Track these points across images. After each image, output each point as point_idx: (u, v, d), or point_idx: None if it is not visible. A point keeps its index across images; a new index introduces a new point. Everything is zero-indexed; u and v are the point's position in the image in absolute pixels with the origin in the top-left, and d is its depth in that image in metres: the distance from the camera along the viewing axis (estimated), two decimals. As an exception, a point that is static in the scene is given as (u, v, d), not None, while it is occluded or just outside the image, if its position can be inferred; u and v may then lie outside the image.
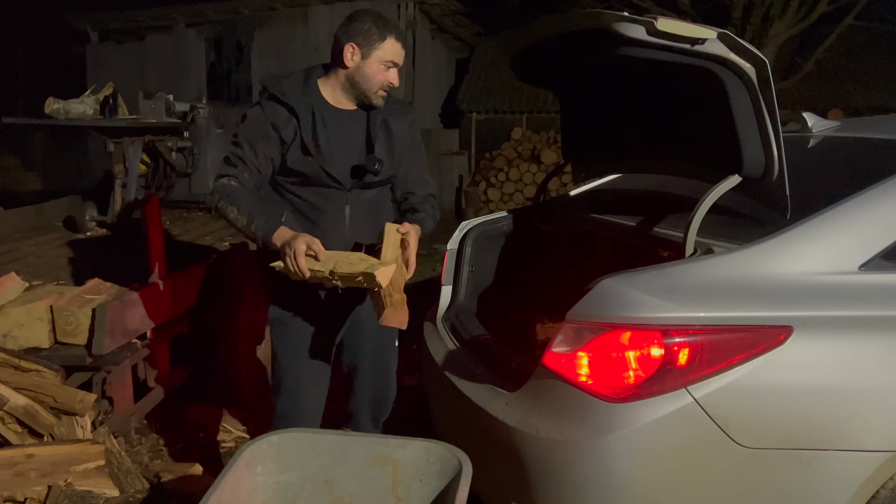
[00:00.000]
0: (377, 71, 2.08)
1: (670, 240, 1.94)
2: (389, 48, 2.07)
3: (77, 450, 2.48)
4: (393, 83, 2.10)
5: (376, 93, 2.10)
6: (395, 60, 2.08)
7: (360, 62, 2.07)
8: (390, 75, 2.09)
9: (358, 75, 2.09)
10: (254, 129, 2.09)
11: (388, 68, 2.09)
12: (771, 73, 1.66)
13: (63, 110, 4.65)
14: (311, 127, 2.09)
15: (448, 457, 1.68)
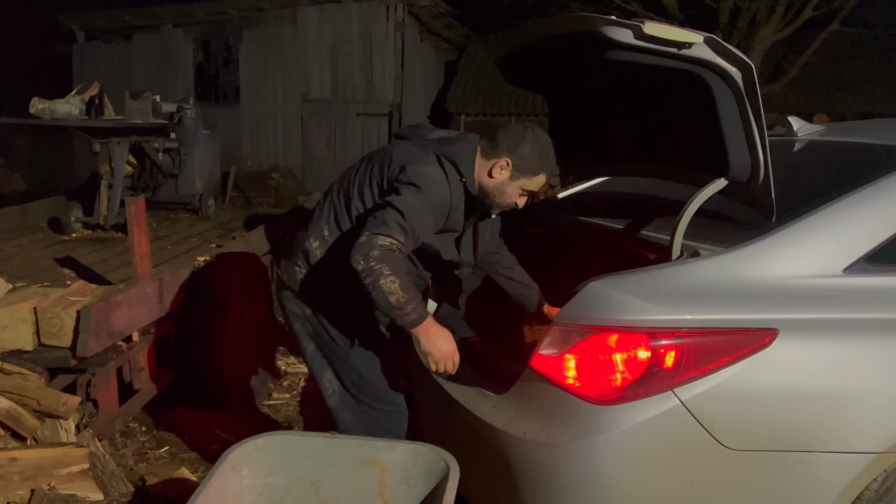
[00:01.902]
0: (514, 194, 2.09)
1: (657, 243, 1.95)
2: (538, 182, 2.07)
3: (61, 453, 2.45)
4: (519, 206, 2.13)
5: (496, 207, 2.13)
6: (534, 191, 2.10)
7: (505, 179, 2.06)
8: (521, 201, 2.12)
9: (496, 189, 2.08)
10: (437, 209, 2.01)
11: (523, 195, 2.10)
12: (757, 78, 1.67)
13: (48, 110, 4.61)
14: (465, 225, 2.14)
15: (435, 459, 1.67)
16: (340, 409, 2.26)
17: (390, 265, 1.84)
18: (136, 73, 12.86)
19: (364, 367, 2.23)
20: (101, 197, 4.67)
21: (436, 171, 2.02)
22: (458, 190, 2.04)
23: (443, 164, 2.04)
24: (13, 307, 2.69)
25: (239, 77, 12.85)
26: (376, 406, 2.24)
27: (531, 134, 2.06)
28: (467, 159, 2.07)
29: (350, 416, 2.25)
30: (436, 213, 2.00)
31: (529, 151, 2.03)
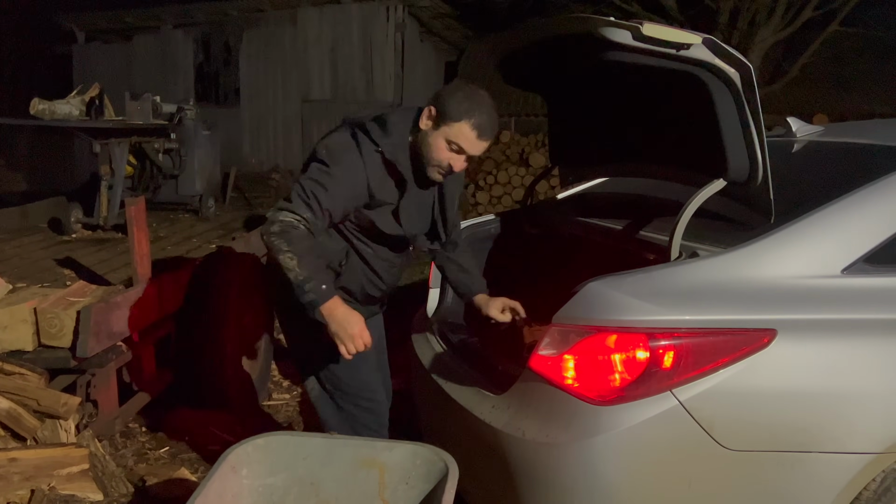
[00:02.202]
0: (441, 147, 1.92)
1: (656, 243, 1.95)
2: (462, 132, 1.89)
3: (61, 453, 2.45)
4: (454, 167, 1.96)
5: (431, 167, 1.97)
6: (461, 145, 1.91)
7: (430, 130, 1.93)
8: (452, 158, 1.94)
9: (423, 143, 1.95)
10: (349, 183, 1.92)
11: (452, 150, 1.93)
12: (755, 79, 1.67)
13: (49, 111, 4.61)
14: (407, 197, 2.00)
15: (434, 459, 1.68)
16: (321, 405, 2.25)
17: (289, 240, 1.81)
18: (137, 74, 12.87)
19: (334, 363, 2.16)
20: (101, 198, 4.67)
21: (345, 143, 1.94)
22: (375, 160, 1.93)
23: (356, 136, 1.95)
24: (13, 308, 2.69)
25: (239, 78, 12.86)
26: (352, 402, 2.21)
27: (463, 85, 1.95)
28: (391, 127, 1.96)
29: (330, 411, 2.24)
30: (348, 185, 1.91)
31: (452, 97, 1.89)
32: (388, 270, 2.16)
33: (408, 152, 1.98)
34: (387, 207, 1.99)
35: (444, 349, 2.31)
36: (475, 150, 1.93)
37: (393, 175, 1.96)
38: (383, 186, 1.96)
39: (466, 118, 1.88)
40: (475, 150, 1.93)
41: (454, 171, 1.97)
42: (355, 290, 2.13)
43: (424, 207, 2.12)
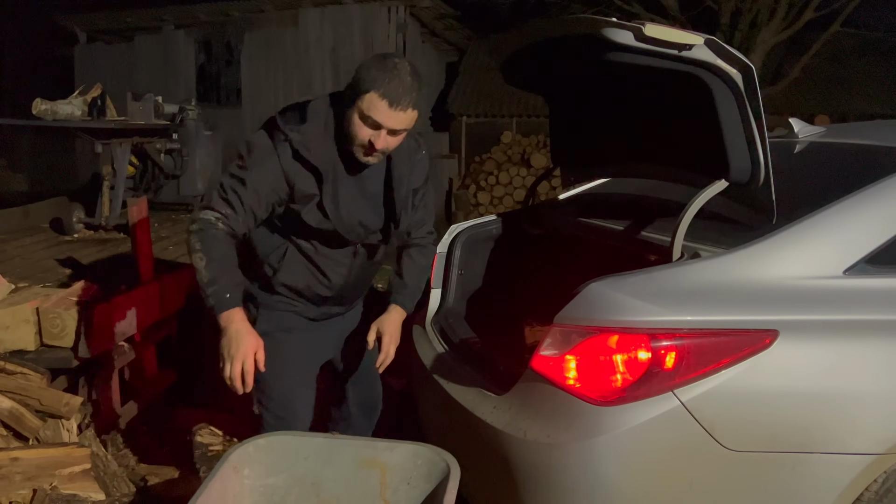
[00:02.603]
0: (357, 123, 1.77)
1: (658, 244, 1.95)
2: (372, 104, 1.73)
3: (62, 453, 2.46)
4: (375, 145, 1.78)
5: (357, 149, 1.82)
6: (374, 118, 1.74)
7: (347, 105, 1.80)
8: (371, 135, 1.77)
9: (345, 120, 1.81)
10: (265, 176, 1.82)
11: (368, 125, 1.76)
12: (757, 79, 1.67)
13: (51, 111, 4.63)
14: (333, 188, 1.86)
15: (436, 460, 1.68)
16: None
17: (202, 240, 1.75)
18: (138, 75, 12.88)
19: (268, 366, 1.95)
20: (102, 198, 4.68)
21: (260, 136, 1.85)
22: (286, 151, 1.81)
23: (269, 128, 1.86)
24: (15, 308, 2.70)
25: (240, 78, 12.87)
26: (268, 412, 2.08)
27: (379, 55, 1.81)
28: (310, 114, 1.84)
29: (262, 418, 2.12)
30: (265, 179, 1.81)
31: (364, 68, 1.76)
32: (335, 269, 2.01)
33: (331, 138, 1.85)
34: (311, 200, 1.85)
35: (446, 349, 2.31)
36: (392, 123, 1.74)
37: (306, 165, 1.82)
38: (301, 177, 1.83)
39: (375, 87, 1.72)
40: (392, 123, 1.74)
41: (378, 150, 1.79)
42: (300, 287, 2.01)
43: (369, 200, 1.96)
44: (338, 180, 1.87)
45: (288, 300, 2.04)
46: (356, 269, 2.05)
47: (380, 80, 1.72)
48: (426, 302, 2.62)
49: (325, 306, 2.09)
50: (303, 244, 1.96)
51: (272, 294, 2.03)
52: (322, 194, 1.84)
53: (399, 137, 1.82)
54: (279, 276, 1.99)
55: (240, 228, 1.82)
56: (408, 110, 1.75)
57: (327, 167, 1.83)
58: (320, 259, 1.98)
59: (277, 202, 1.87)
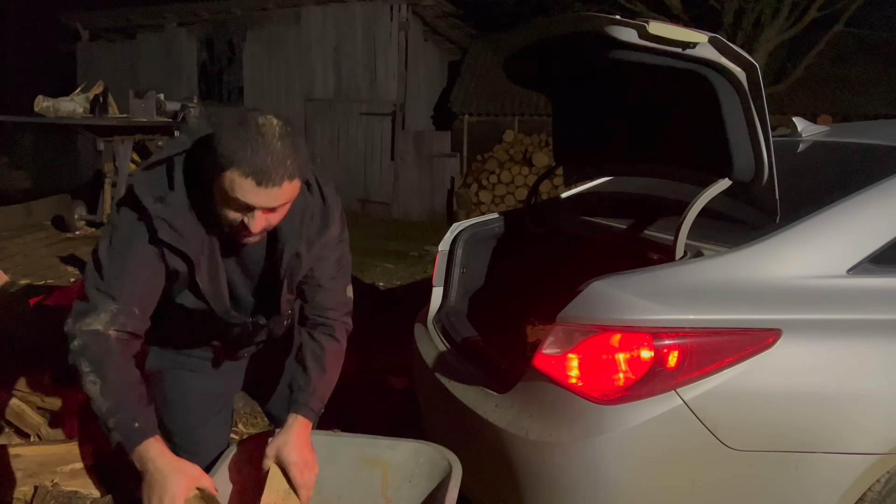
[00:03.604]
0: (221, 203, 1.39)
1: (660, 242, 1.95)
2: (231, 182, 1.33)
3: (64, 450, 2.46)
4: (251, 227, 1.40)
5: (232, 236, 1.46)
6: (242, 200, 1.35)
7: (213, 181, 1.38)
8: (244, 217, 1.39)
9: (213, 197, 1.41)
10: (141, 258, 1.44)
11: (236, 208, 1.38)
12: (761, 78, 1.67)
13: (53, 108, 4.64)
14: (208, 266, 1.52)
15: (438, 458, 1.67)
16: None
17: (89, 358, 1.36)
18: (141, 72, 12.90)
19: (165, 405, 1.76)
20: (104, 195, 4.69)
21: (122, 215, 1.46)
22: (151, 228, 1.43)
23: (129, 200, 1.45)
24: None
25: (243, 76, 12.90)
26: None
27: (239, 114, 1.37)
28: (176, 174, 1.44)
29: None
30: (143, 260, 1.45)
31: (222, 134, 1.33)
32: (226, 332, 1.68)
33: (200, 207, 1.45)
34: (181, 278, 1.51)
35: (448, 348, 2.31)
36: (264, 202, 1.36)
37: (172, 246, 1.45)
38: (170, 257, 1.47)
39: (235, 164, 1.31)
40: (264, 202, 1.36)
41: (256, 233, 1.41)
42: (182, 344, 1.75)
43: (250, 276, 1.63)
44: (215, 262, 1.52)
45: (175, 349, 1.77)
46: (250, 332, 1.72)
47: (240, 153, 1.31)
48: (428, 300, 2.62)
49: (220, 359, 1.81)
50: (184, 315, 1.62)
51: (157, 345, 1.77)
52: (194, 277, 1.50)
53: (281, 212, 1.44)
54: (156, 331, 1.60)
55: (135, 329, 1.44)
56: (283, 184, 1.34)
57: (199, 245, 1.48)
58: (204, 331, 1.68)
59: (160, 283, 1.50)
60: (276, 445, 1.57)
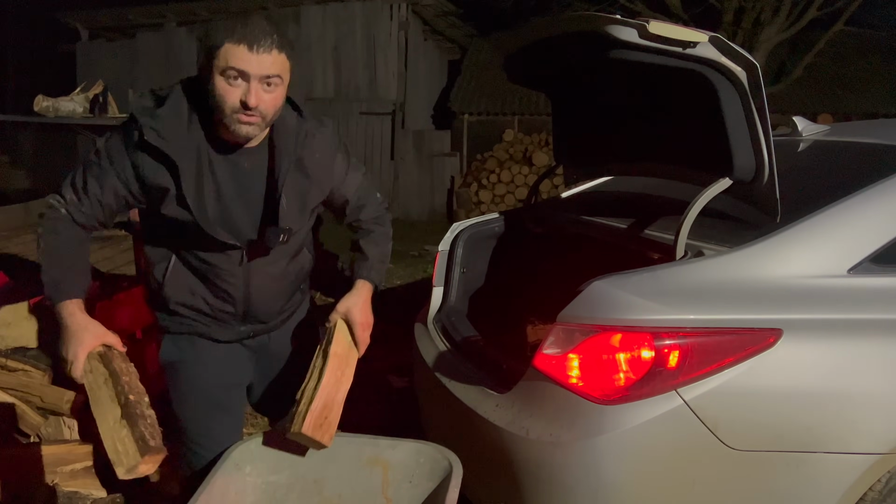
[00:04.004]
0: (220, 86, 1.53)
1: (661, 242, 1.95)
2: (225, 54, 1.50)
3: (64, 450, 2.46)
4: (249, 102, 1.52)
5: (231, 118, 1.55)
6: (236, 67, 1.50)
7: (207, 76, 1.55)
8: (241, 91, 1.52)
9: (210, 95, 1.55)
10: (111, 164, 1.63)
11: (233, 82, 1.52)
12: (762, 78, 1.67)
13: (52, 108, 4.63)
14: (195, 177, 1.61)
15: (438, 458, 1.67)
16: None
17: (44, 226, 1.63)
18: (140, 72, 12.90)
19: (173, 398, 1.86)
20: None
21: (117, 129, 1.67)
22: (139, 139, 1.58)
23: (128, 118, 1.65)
24: (16, 305, 2.70)
25: (242, 75, 12.85)
26: (184, 443, 1.87)
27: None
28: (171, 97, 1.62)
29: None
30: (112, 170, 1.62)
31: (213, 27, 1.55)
32: (227, 280, 1.74)
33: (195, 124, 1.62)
34: (167, 193, 1.61)
35: (448, 347, 2.31)
36: (257, 68, 1.50)
37: (159, 155, 1.58)
38: (154, 169, 1.60)
39: (228, 37, 1.50)
40: (257, 68, 1.50)
41: (254, 109, 1.53)
42: (192, 303, 1.78)
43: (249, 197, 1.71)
44: (203, 174, 1.63)
45: (189, 320, 1.81)
46: (255, 281, 1.76)
47: (230, 27, 1.50)
48: (428, 300, 2.62)
49: (231, 325, 1.83)
50: (186, 255, 1.73)
51: (171, 315, 1.82)
52: (180, 187, 1.59)
53: (275, 95, 1.56)
54: (167, 291, 1.75)
55: (84, 219, 1.66)
56: (272, 52, 1.51)
57: (188, 156, 1.60)
58: (206, 269, 1.72)
59: (128, 196, 1.66)
60: (346, 305, 1.81)
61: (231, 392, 1.90)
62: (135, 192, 1.65)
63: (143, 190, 1.64)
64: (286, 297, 1.89)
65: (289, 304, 1.92)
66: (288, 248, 1.78)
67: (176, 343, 1.84)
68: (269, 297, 1.82)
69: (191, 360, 1.83)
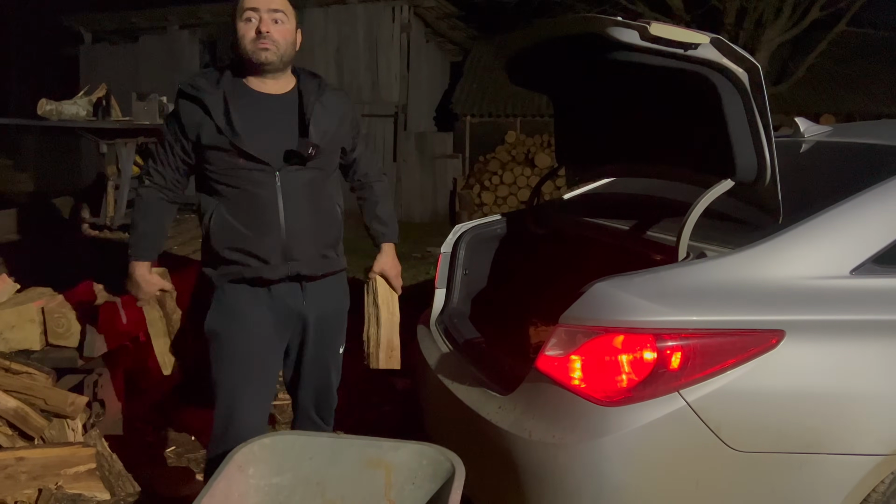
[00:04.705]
0: (241, 27, 1.95)
1: (663, 243, 1.95)
2: (242, 2, 1.93)
3: (68, 453, 2.46)
4: (262, 30, 1.92)
5: (251, 49, 1.94)
6: (249, 5, 1.92)
7: (235, 32, 1.97)
8: (255, 24, 1.93)
9: (238, 45, 1.97)
10: (169, 128, 2.04)
11: (251, 20, 1.94)
12: (763, 79, 1.67)
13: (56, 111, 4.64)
14: (224, 111, 1.94)
15: (441, 460, 1.67)
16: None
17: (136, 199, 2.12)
18: (143, 75, 12.91)
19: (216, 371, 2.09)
20: (107, 198, 4.69)
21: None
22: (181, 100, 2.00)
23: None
24: (20, 307, 2.70)
25: (245, 78, 12.85)
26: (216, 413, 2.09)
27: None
28: (210, 71, 2.06)
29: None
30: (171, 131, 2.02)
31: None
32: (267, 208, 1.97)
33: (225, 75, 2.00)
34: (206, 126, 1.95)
35: (450, 349, 2.31)
36: (264, 3, 1.92)
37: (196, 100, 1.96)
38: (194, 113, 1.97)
39: None
40: (264, 3, 1.92)
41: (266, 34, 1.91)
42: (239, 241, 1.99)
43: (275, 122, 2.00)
44: (232, 107, 1.94)
45: (237, 266, 2.01)
46: (292, 207, 1.98)
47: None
48: (431, 302, 2.62)
49: (277, 260, 2.00)
50: (228, 192, 1.99)
51: (221, 264, 2.04)
52: (213, 116, 1.94)
53: (285, 29, 1.96)
54: (214, 238, 2.01)
55: (163, 181, 2.08)
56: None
57: (214, 97, 1.95)
58: (246, 199, 1.97)
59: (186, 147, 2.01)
60: (381, 265, 2.27)
61: (266, 367, 2.10)
62: (185, 145, 2.01)
63: (188, 138, 1.99)
64: (322, 240, 2.08)
65: (325, 253, 2.10)
66: (318, 183, 2.04)
67: (224, 306, 2.07)
68: (305, 233, 2.02)
69: (235, 326, 2.05)
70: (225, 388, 2.05)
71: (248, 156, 1.93)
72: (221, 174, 1.98)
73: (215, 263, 2.06)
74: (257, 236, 1.98)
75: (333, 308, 2.18)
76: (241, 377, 2.04)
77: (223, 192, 2.00)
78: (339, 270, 2.19)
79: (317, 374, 2.21)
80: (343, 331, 2.26)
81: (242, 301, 2.05)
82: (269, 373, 2.12)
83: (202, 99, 1.95)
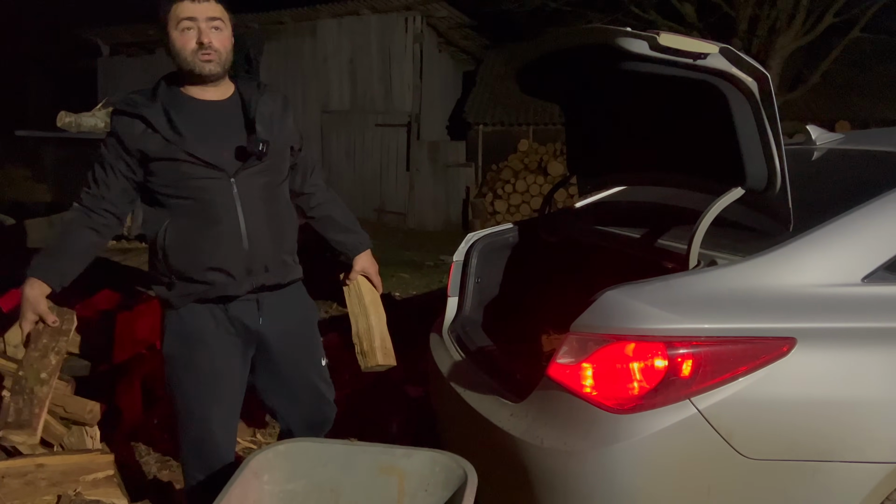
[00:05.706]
0: (176, 38, 1.85)
1: (674, 252, 1.95)
2: (175, 11, 1.83)
3: (86, 459, 2.49)
4: (203, 40, 1.83)
5: (193, 61, 1.86)
6: (186, 16, 1.82)
7: (166, 39, 1.87)
8: (194, 34, 1.83)
9: (172, 53, 1.88)
10: (108, 148, 1.93)
11: (187, 30, 1.83)
12: (773, 87, 1.67)
13: (75, 123, 4.72)
14: (168, 121, 1.87)
15: (453, 467, 1.69)
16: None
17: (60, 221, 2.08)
18: (159, 86, 13.03)
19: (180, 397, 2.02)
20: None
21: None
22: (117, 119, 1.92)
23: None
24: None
25: (260, 89, 12.96)
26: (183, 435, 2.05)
27: None
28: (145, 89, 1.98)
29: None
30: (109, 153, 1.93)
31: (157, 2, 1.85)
32: (224, 215, 1.89)
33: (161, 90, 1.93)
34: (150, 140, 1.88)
35: (463, 357, 2.32)
36: (202, 11, 1.83)
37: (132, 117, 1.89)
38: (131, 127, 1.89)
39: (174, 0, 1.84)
40: (202, 11, 1.83)
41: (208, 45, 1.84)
42: (198, 256, 1.90)
43: (224, 133, 1.93)
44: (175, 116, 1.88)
45: (197, 284, 1.92)
46: (252, 214, 1.92)
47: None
48: (443, 310, 2.64)
49: (241, 273, 1.94)
50: (181, 204, 1.90)
51: (180, 282, 1.93)
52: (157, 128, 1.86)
53: (224, 36, 1.89)
54: (170, 255, 1.90)
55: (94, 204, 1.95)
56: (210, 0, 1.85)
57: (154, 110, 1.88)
58: (202, 209, 1.89)
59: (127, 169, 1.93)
60: (361, 265, 2.30)
61: (235, 380, 2.04)
62: (129, 161, 1.91)
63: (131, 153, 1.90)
64: (283, 246, 2.04)
65: (286, 259, 2.05)
66: (273, 188, 2.00)
67: (181, 328, 1.97)
68: (267, 239, 1.97)
69: (193, 347, 1.97)
70: (194, 414, 1.99)
71: (204, 162, 1.86)
72: (173, 186, 1.89)
73: (170, 283, 1.94)
74: (218, 247, 1.90)
75: (298, 319, 2.12)
76: (211, 400, 1.99)
77: (175, 205, 1.90)
78: (299, 279, 2.13)
79: (308, 393, 2.17)
80: (318, 341, 2.20)
81: (201, 320, 1.96)
82: (237, 394, 2.07)
83: (141, 113, 1.87)
